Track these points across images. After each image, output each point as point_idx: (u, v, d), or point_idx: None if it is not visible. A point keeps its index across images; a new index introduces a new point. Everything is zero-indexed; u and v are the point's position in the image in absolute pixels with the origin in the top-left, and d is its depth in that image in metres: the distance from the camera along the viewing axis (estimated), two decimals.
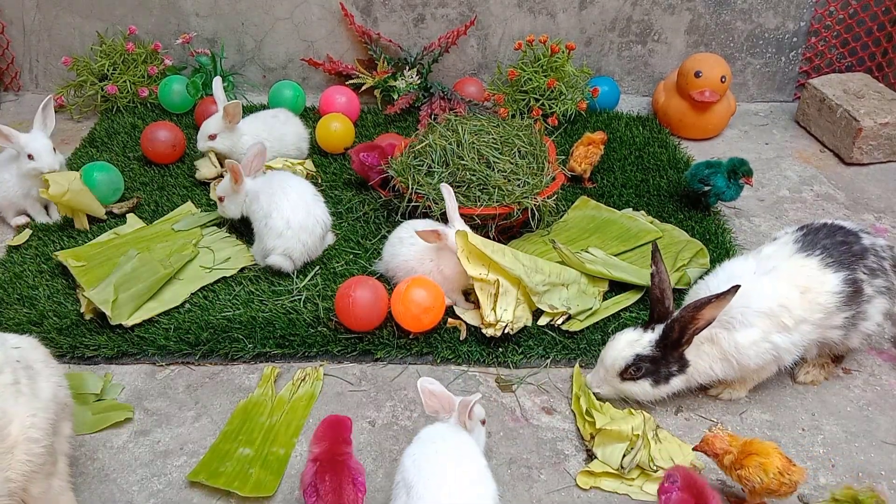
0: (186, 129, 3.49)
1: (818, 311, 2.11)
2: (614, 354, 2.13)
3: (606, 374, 2.17)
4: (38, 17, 3.84)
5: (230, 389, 2.28)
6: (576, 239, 2.85)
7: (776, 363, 2.16)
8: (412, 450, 1.76)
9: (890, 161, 3.53)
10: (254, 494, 1.94)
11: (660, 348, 2.09)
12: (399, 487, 1.70)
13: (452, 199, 2.46)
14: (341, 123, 3.34)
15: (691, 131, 3.68)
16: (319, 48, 3.93)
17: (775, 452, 1.85)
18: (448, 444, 1.76)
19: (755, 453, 1.85)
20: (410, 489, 1.65)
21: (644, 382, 2.12)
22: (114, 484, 1.99)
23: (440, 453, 1.73)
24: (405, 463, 1.73)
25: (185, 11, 3.83)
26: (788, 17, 3.88)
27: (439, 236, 2.41)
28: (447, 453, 1.73)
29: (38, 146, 2.81)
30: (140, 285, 2.49)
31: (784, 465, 1.82)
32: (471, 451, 1.76)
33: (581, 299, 2.51)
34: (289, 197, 2.62)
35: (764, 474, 1.81)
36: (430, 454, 1.73)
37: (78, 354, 2.37)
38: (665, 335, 2.07)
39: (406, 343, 2.42)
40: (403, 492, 1.67)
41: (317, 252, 2.72)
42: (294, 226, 2.59)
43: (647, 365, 2.10)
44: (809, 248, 2.18)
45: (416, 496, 1.62)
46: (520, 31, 3.88)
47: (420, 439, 1.80)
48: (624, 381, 2.14)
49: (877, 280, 2.16)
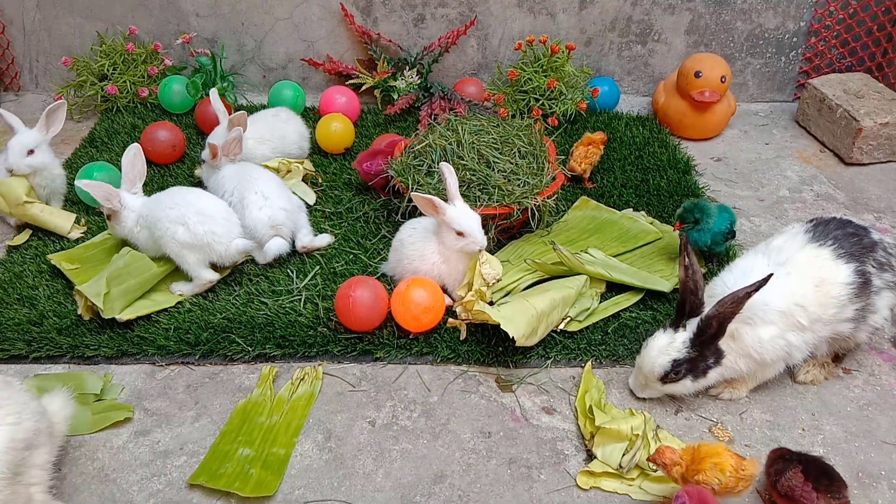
0: (186, 129, 3.49)
1: (832, 305, 2.14)
2: (651, 363, 2.13)
3: (647, 380, 2.18)
4: (38, 17, 3.84)
5: (230, 389, 2.28)
6: (575, 239, 2.85)
7: (786, 361, 2.19)
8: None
9: (890, 161, 3.54)
10: (254, 494, 1.94)
11: (696, 346, 2.09)
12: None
13: (454, 178, 2.45)
14: (341, 123, 3.34)
15: (691, 131, 3.68)
16: (319, 48, 3.93)
17: (725, 451, 1.85)
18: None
19: (706, 456, 1.85)
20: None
21: (685, 381, 2.14)
22: (114, 484, 1.99)
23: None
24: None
25: (185, 11, 3.83)
26: (788, 17, 3.88)
27: (435, 207, 2.38)
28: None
29: (12, 142, 2.80)
30: (132, 281, 2.47)
31: (737, 461, 1.83)
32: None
33: (579, 300, 2.52)
34: (258, 177, 2.73)
35: (721, 474, 1.82)
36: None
37: (78, 354, 2.37)
38: (702, 331, 2.07)
39: (406, 343, 2.42)
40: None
41: (301, 223, 2.75)
42: (271, 195, 2.65)
43: (685, 366, 2.10)
44: (821, 239, 2.20)
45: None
46: (520, 31, 3.88)
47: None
48: (665, 384, 2.15)
49: (885, 274, 2.19)
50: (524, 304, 2.32)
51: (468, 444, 2.12)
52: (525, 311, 2.29)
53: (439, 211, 2.38)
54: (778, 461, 1.93)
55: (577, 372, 2.36)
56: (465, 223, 2.38)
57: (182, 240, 2.47)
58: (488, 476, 2.03)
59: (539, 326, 2.33)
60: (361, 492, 1.98)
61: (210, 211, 2.53)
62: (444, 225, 2.41)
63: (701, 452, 1.87)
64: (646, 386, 2.21)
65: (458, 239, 2.40)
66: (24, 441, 1.68)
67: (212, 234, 2.49)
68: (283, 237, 2.67)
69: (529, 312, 2.29)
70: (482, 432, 2.16)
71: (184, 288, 2.57)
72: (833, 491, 1.83)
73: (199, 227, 2.47)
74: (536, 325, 2.31)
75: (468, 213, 2.41)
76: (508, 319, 2.24)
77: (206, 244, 2.49)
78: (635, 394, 2.26)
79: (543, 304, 2.35)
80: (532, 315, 2.29)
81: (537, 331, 2.32)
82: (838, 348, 2.30)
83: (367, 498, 1.96)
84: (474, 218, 2.41)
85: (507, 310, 2.30)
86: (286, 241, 2.68)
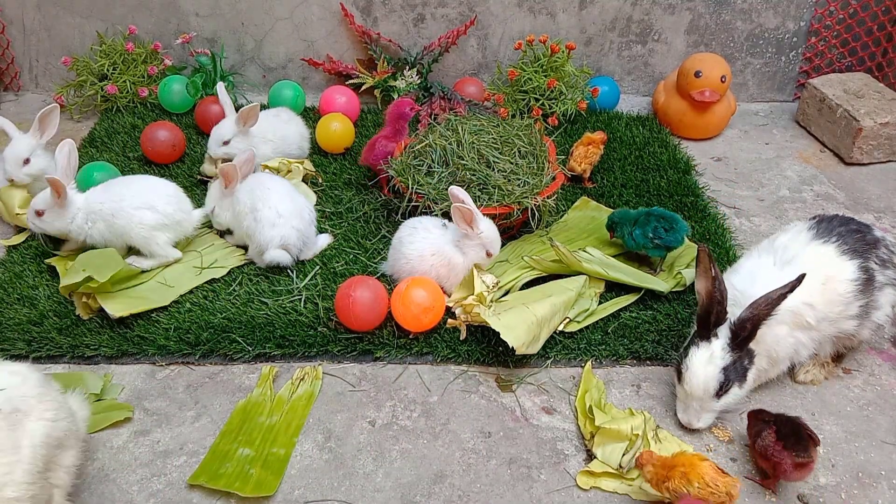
0: (186, 129, 3.49)
1: (838, 303, 2.15)
2: (703, 381, 2.06)
3: (702, 404, 2.10)
4: (38, 17, 3.84)
5: (230, 389, 2.28)
6: (574, 239, 2.85)
7: (792, 359, 2.21)
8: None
9: (890, 161, 3.53)
10: (254, 494, 1.94)
11: (733, 350, 2.06)
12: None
13: (468, 198, 2.46)
14: (341, 123, 3.34)
15: (691, 131, 3.68)
16: (319, 48, 3.93)
17: (703, 463, 1.84)
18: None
19: (679, 464, 1.85)
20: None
21: (735, 388, 2.09)
22: (114, 484, 1.99)
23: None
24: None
25: (185, 11, 3.83)
26: (788, 17, 3.88)
27: (473, 221, 2.41)
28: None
29: (6, 153, 2.81)
30: (103, 259, 2.49)
31: (712, 476, 1.81)
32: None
33: (578, 301, 2.51)
34: (272, 189, 2.67)
35: (688, 484, 1.81)
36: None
37: (78, 354, 2.37)
38: (736, 335, 2.05)
39: (406, 343, 2.42)
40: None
41: (310, 239, 2.72)
42: (285, 213, 2.61)
43: (731, 373, 2.07)
44: (825, 235, 2.22)
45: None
46: (520, 31, 3.88)
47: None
48: (720, 398, 2.09)
49: (887, 271, 2.21)
50: (525, 312, 2.31)
51: (468, 444, 2.12)
52: (526, 319, 2.28)
53: (476, 227, 2.40)
54: (757, 423, 1.99)
55: (577, 372, 2.36)
56: (495, 247, 2.50)
57: (151, 222, 2.58)
58: (488, 476, 2.03)
59: (541, 333, 2.32)
60: (361, 492, 1.98)
61: (170, 191, 2.68)
62: (477, 240, 2.44)
63: (676, 460, 1.86)
64: (701, 409, 2.11)
65: (483, 258, 2.47)
66: (57, 439, 1.72)
67: (181, 213, 2.66)
68: (290, 253, 2.66)
69: (530, 320, 2.28)
70: (482, 432, 2.16)
71: (143, 262, 2.64)
72: (799, 449, 1.89)
73: (168, 207, 2.62)
74: (538, 331, 2.30)
75: (497, 238, 2.49)
76: (509, 328, 2.23)
77: (177, 222, 2.65)
78: (692, 426, 2.14)
79: (544, 310, 2.34)
80: (533, 322, 2.28)
81: (539, 337, 2.32)
82: (841, 347, 2.31)
83: (367, 498, 1.96)
84: (499, 242, 2.51)
85: (507, 317, 2.28)
86: (291, 256, 2.67)
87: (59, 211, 2.56)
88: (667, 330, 2.48)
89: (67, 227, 2.60)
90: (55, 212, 2.56)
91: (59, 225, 2.59)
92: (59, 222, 2.59)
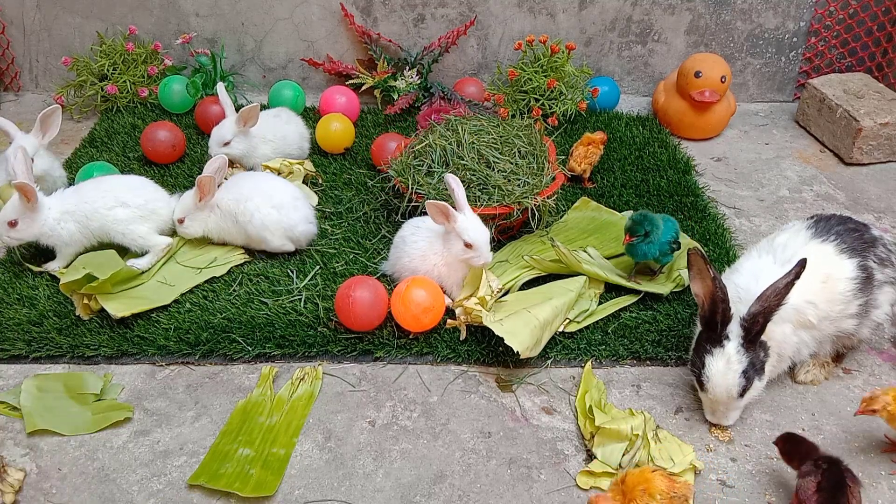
0: (186, 129, 3.49)
1: (838, 301, 2.15)
2: (725, 389, 2.06)
3: (728, 406, 2.12)
4: (38, 17, 3.84)
5: (230, 389, 2.28)
6: (574, 239, 2.85)
7: (794, 358, 2.21)
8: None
9: (890, 161, 3.54)
10: (254, 494, 1.94)
11: (748, 349, 2.05)
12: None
13: (461, 188, 2.45)
14: (341, 123, 3.34)
15: (691, 131, 3.68)
16: (319, 48, 3.93)
17: (654, 475, 1.83)
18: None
19: (636, 484, 1.83)
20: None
21: (756, 383, 2.09)
22: (114, 484, 1.99)
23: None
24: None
25: (185, 11, 3.83)
26: (788, 17, 3.88)
27: (447, 215, 2.38)
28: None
29: (8, 153, 2.78)
30: (103, 258, 2.52)
31: (668, 484, 1.82)
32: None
33: (578, 301, 2.51)
34: (262, 181, 2.74)
35: (651, 498, 1.80)
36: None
37: (78, 354, 2.37)
38: (748, 330, 2.04)
39: (406, 343, 2.42)
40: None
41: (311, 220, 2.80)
42: (282, 204, 2.67)
43: (750, 371, 2.06)
44: (824, 234, 2.22)
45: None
46: (520, 31, 3.88)
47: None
48: (743, 397, 2.09)
49: (886, 269, 2.21)
50: (526, 316, 2.31)
51: (468, 444, 2.12)
52: (528, 323, 2.28)
53: (450, 219, 2.39)
54: (806, 460, 1.90)
55: (577, 372, 2.36)
56: (475, 236, 2.38)
57: (124, 217, 2.62)
58: (488, 476, 2.03)
59: (543, 335, 2.33)
60: (361, 492, 1.98)
61: (136, 184, 2.73)
62: (454, 233, 2.41)
63: (629, 483, 1.85)
64: (728, 409, 2.13)
65: (465, 250, 2.40)
66: None
67: (154, 202, 2.70)
68: (292, 242, 2.75)
69: (532, 324, 2.28)
70: (482, 432, 2.16)
71: (141, 262, 2.64)
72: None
73: (138, 199, 2.66)
74: (540, 335, 2.30)
75: (479, 227, 2.40)
76: (512, 334, 2.23)
77: (152, 211, 2.68)
78: (722, 424, 2.16)
79: (545, 313, 2.34)
80: (535, 326, 2.28)
81: (541, 340, 2.32)
82: (841, 346, 2.31)
83: (367, 498, 1.96)
84: (484, 232, 2.40)
85: (510, 323, 2.28)
86: (292, 244, 2.75)
87: (32, 216, 2.54)
88: (667, 330, 2.48)
89: (41, 231, 2.58)
90: (28, 217, 2.54)
91: (35, 230, 2.57)
92: (35, 227, 2.57)
